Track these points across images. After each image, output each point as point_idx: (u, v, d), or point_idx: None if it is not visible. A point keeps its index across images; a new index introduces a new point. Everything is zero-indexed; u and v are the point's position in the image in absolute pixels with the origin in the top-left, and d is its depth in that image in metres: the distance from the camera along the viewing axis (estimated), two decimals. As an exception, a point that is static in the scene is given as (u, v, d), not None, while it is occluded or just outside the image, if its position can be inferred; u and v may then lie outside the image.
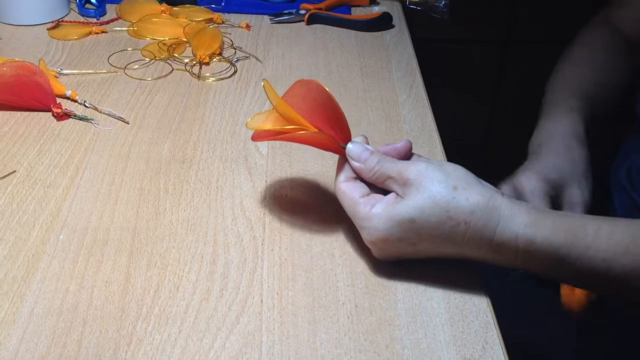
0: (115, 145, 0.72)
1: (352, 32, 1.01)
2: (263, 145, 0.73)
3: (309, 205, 0.65)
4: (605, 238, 0.52)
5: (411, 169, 0.53)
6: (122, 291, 0.54)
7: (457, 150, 0.80)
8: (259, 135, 0.59)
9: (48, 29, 0.96)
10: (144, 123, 0.76)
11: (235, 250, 0.59)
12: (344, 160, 0.58)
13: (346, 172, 0.57)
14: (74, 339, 0.50)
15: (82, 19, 1.01)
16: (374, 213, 0.53)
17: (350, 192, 0.55)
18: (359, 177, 0.57)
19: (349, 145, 0.57)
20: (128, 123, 0.76)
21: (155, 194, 0.65)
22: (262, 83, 0.55)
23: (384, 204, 0.53)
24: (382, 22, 1.03)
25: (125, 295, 0.54)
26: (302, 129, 0.57)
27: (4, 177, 0.66)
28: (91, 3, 1.01)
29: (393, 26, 1.04)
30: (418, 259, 0.55)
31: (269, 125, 0.58)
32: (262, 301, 0.54)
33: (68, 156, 0.70)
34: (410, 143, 0.58)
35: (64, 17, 1.01)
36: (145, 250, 0.58)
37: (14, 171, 0.67)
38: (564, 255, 0.51)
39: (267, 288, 0.55)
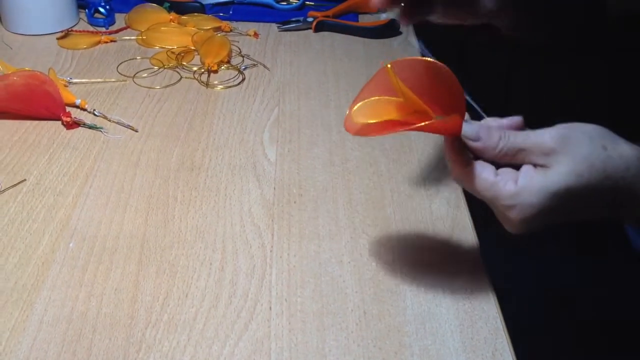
0: (125, 154, 0.72)
1: (360, 39, 1.02)
2: (271, 152, 0.73)
3: (317, 212, 0.65)
4: None
5: (549, 136, 0.48)
6: (131, 298, 0.54)
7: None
8: (368, 129, 0.52)
9: (57, 39, 0.97)
10: (153, 131, 0.76)
11: (243, 257, 0.59)
12: (455, 144, 0.50)
13: (466, 156, 0.50)
14: (84, 346, 0.50)
15: (91, 28, 1.02)
16: (522, 188, 0.48)
17: (482, 174, 0.49)
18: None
19: (464, 127, 0.50)
20: (137, 131, 0.76)
21: (164, 202, 0.65)
22: (387, 65, 0.49)
23: (528, 177, 0.48)
24: (390, 29, 1.03)
25: (134, 303, 0.54)
26: (424, 116, 0.49)
27: (14, 185, 0.67)
28: (100, 12, 1.02)
29: (400, 33, 1.04)
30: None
31: (387, 115, 0.51)
32: (270, 308, 0.54)
33: (77, 164, 0.70)
34: (522, 118, 0.52)
35: (73, 26, 1.01)
36: (154, 258, 0.58)
37: (24, 180, 0.68)
38: None
39: (275, 295, 0.55)
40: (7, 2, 0.98)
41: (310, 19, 1.04)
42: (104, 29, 1.01)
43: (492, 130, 0.50)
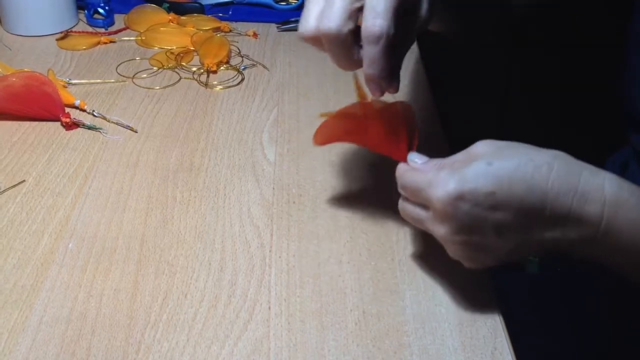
0: (124, 154, 0.72)
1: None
2: (271, 153, 0.73)
3: (316, 212, 0.65)
4: None
5: (476, 145, 0.50)
6: (130, 299, 0.54)
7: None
8: (325, 132, 0.59)
9: (57, 40, 0.97)
10: (152, 132, 0.76)
11: (243, 257, 0.59)
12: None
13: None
14: (83, 346, 0.50)
15: (90, 29, 1.02)
16: (445, 171, 0.49)
17: (416, 168, 0.53)
18: None
19: (410, 154, 0.55)
20: (136, 132, 0.76)
21: (163, 202, 0.65)
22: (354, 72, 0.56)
23: (452, 161, 0.51)
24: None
25: (133, 303, 0.54)
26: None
27: (14, 186, 0.67)
28: (99, 13, 1.02)
29: (400, 33, 1.04)
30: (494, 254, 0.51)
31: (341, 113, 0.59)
32: (269, 308, 0.54)
33: (77, 165, 0.70)
34: None
35: (72, 27, 1.01)
36: (153, 258, 0.58)
37: (23, 180, 0.68)
38: None
39: (274, 295, 0.55)
40: (7, 3, 0.98)
41: (309, 19, 1.04)
42: (103, 30, 1.01)
43: (431, 159, 0.54)
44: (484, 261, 0.51)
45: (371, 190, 0.68)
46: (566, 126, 1.49)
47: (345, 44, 0.53)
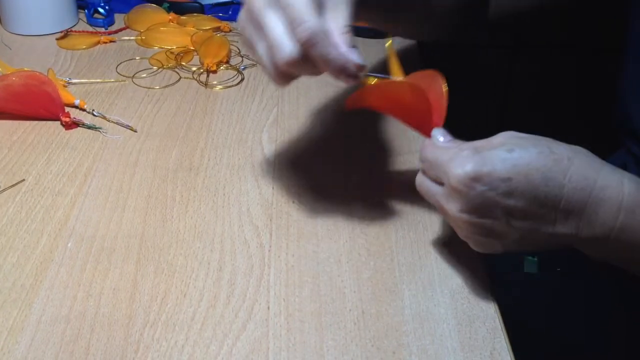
0: (123, 154, 0.72)
1: (358, 39, 1.01)
2: (270, 153, 0.73)
3: (315, 212, 0.65)
4: None
5: (500, 134, 0.51)
6: (129, 298, 0.54)
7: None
8: (356, 98, 0.59)
9: (57, 39, 0.97)
10: (152, 131, 0.76)
11: (242, 257, 0.59)
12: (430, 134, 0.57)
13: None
14: (82, 346, 0.50)
15: (90, 28, 1.02)
16: (466, 151, 0.50)
17: (438, 145, 0.54)
18: None
19: (434, 130, 0.56)
20: (136, 131, 0.76)
21: (162, 202, 0.65)
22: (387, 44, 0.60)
23: (475, 145, 0.52)
24: (389, 29, 1.03)
25: (132, 303, 0.54)
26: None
27: (13, 185, 0.67)
28: (99, 13, 1.02)
29: (400, 33, 1.04)
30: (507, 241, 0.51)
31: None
32: (268, 308, 0.54)
33: (76, 165, 0.70)
34: None
35: (72, 27, 1.02)
36: (152, 258, 0.58)
37: (23, 180, 0.68)
38: None
39: (273, 295, 0.55)
40: (7, 3, 0.98)
41: (309, 19, 1.04)
42: (103, 30, 1.01)
43: (455, 139, 0.55)
44: (492, 247, 0.52)
45: (371, 190, 0.68)
46: (565, 127, 1.49)
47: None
